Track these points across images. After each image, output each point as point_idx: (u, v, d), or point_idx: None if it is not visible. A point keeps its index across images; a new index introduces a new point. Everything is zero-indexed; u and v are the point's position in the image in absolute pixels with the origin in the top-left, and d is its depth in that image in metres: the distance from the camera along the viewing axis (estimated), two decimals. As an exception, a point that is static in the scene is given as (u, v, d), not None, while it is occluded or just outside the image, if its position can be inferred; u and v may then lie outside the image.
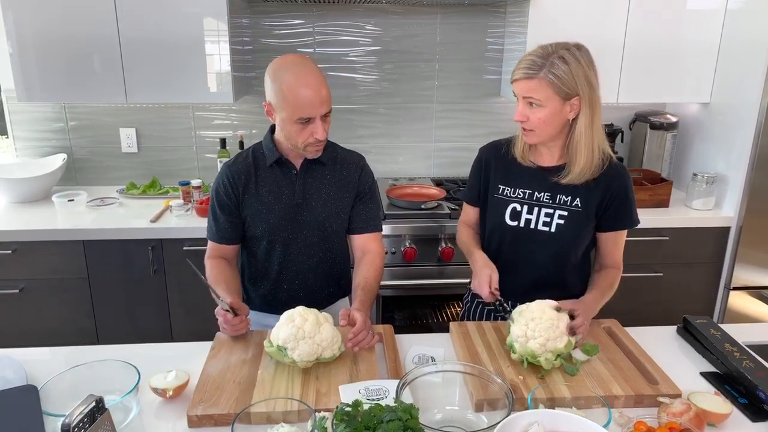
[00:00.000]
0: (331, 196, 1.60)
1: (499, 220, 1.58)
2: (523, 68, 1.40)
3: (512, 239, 1.58)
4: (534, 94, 1.40)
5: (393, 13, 2.75)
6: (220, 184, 1.59)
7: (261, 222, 1.58)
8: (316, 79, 1.43)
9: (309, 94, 1.41)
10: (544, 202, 1.54)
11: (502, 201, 1.58)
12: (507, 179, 1.59)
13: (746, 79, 2.41)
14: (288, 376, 1.26)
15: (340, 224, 1.64)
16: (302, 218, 1.59)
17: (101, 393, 1.12)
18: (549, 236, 1.54)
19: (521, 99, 1.44)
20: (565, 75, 1.37)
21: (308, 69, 1.44)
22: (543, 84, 1.38)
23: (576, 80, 1.38)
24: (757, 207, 2.44)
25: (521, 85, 1.42)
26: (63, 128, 2.76)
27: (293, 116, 1.43)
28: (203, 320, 2.44)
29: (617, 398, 1.21)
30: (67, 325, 2.39)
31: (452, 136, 2.97)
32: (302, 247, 1.62)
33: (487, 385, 1.18)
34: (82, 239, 2.28)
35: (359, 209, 1.65)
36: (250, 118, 2.84)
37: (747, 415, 1.19)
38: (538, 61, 1.38)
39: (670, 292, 2.59)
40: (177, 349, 1.47)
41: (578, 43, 1.42)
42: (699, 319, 1.51)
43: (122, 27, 2.31)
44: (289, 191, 1.58)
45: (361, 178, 1.65)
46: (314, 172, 1.60)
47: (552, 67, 1.37)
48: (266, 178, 1.58)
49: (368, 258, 1.63)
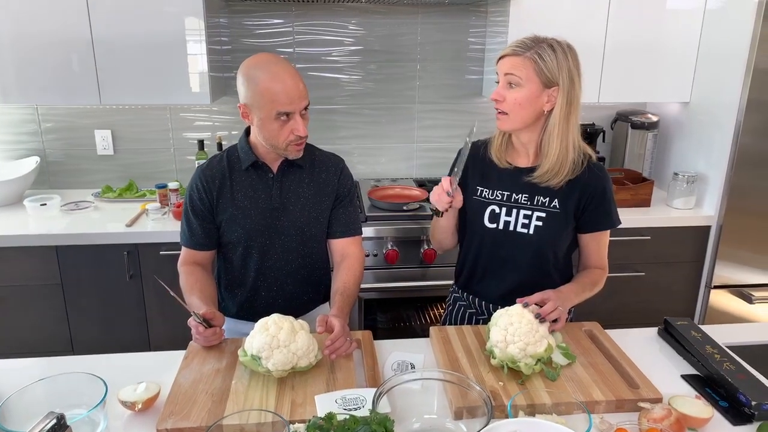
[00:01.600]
0: (309, 200, 1.57)
1: (479, 222, 1.56)
2: (512, 46, 1.43)
3: (492, 242, 1.56)
4: (516, 70, 1.41)
5: (374, 12, 2.72)
6: (193, 189, 1.55)
7: (237, 227, 1.54)
8: (290, 74, 1.41)
9: (286, 88, 1.39)
10: (522, 204, 1.52)
11: (480, 203, 1.56)
12: (485, 181, 1.57)
13: (725, 78, 2.42)
14: (263, 387, 1.23)
15: (319, 228, 1.60)
16: (280, 223, 1.55)
17: (68, 407, 1.08)
18: (528, 238, 1.52)
19: (502, 77, 1.44)
20: (550, 60, 1.39)
21: (281, 65, 1.42)
22: (527, 62, 1.40)
23: (559, 70, 1.40)
24: (736, 205, 2.46)
25: (506, 62, 1.43)
26: (36, 130, 2.70)
27: (272, 113, 1.40)
28: (182, 327, 2.37)
29: (598, 404, 1.19)
30: (40, 334, 2.33)
31: (434, 137, 2.94)
32: (280, 253, 1.58)
33: (467, 393, 1.15)
34: (54, 245, 2.22)
35: (339, 213, 1.62)
36: (229, 119, 2.79)
37: (728, 418, 1.18)
38: (528, 43, 1.41)
39: (652, 292, 2.60)
40: (151, 359, 1.43)
41: (569, 43, 1.44)
42: (680, 320, 1.50)
43: (95, 27, 2.26)
44: (266, 195, 1.54)
45: (341, 181, 1.61)
46: (292, 175, 1.56)
47: (539, 50, 1.39)
48: (242, 182, 1.54)
49: (347, 262, 1.60)
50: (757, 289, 2.55)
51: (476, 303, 1.65)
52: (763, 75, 2.30)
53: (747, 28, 2.28)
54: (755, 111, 2.33)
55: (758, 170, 2.41)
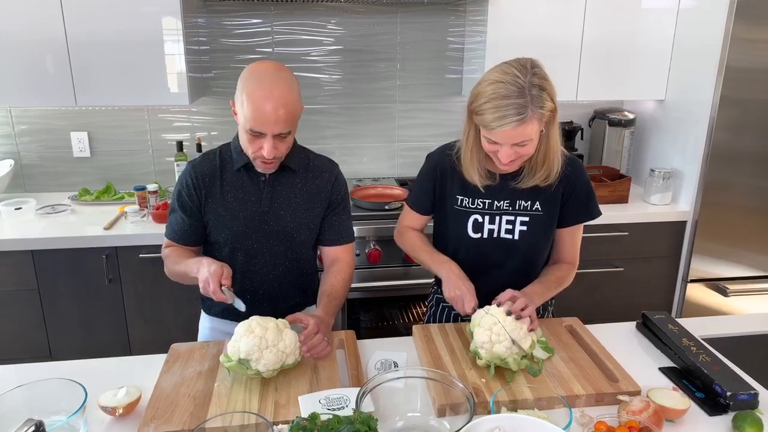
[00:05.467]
0: (300, 206, 1.53)
1: (463, 232, 1.54)
2: (511, 116, 1.27)
3: (477, 251, 1.55)
4: (526, 136, 1.30)
5: (353, 12, 2.71)
6: (183, 185, 1.51)
7: (224, 228, 1.51)
8: (279, 96, 1.32)
9: (263, 109, 1.31)
10: (504, 210, 1.51)
11: (462, 212, 1.54)
12: (465, 189, 1.53)
13: (699, 76, 2.47)
14: (246, 388, 1.22)
15: (308, 235, 1.57)
16: (268, 227, 1.52)
17: (47, 414, 1.06)
18: (513, 244, 1.52)
19: (507, 145, 1.33)
20: (547, 102, 1.30)
21: (276, 83, 1.34)
22: (533, 122, 1.29)
23: (553, 100, 1.32)
24: (711, 200, 2.51)
25: (511, 133, 1.30)
26: (9, 133, 2.64)
27: (245, 125, 1.36)
28: (163, 330, 2.39)
29: (578, 398, 1.21)
30: (16, 341, 2.28)
31: (415, 136, 2.95)
32: (267, 257, 1.55)
33: (449, 390, 1.16)
34: (30, 249, 2.17)
35: (331, 220, 1.58)
36: (209, 120, 2.77)
37: (704, 409, 1.21)
38: (520, 102, 1.27)
39: (631, 287, 2.64)
40: (131, 363, 1.41)
41: (531, 59, 1.34)
42: (657, 314, 1.53)
43: (69, 27, 2.22)
44: (256, 198, 1.51)
45: (334, 188, 1.57)
46: (284, 179, 1.52)
47: (535, 101, 1.28)
48: (233, 183, 1.51)
49: (337, 266, 1.58)
50: (732, 283, 2.61)
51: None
52: (735, 72, 2.35)
53: (719, 26, 2.33)
54: (728, 107, 2.38)
55: (732, 166, 2.47)
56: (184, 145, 2.64)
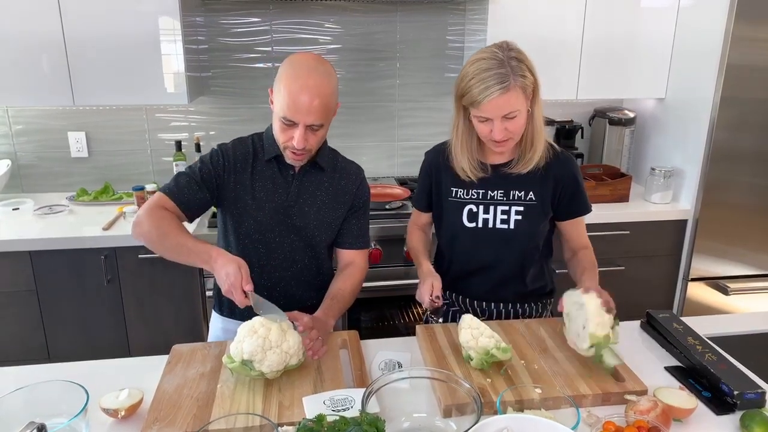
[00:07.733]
0: (325, 205, 1.53)
1: (458, 222, 1.56)
2: (495, 85, 1.34)
3: (472, 241, 1.56)
4: (513, 106, 1.36)
5: (352, 10, 2.70)
6: (213, 155, 1.48)
7: (249, 218, 1.48)
8: (314, 86, 1.32)
9: (298, 97, 1.32)
10: (498, 200, 1.53)
11: (457, 204, 1.56)
12: (459, 182, 1.56)
13: (699, 75, 2.47)
14: (249, 390, 1.21)
15: (328, 234, 1.56)
16: (291, 222, 1.51)
17: (48, 416, 1.05)
18: (509, 233, 1.53)
19: (498, 118, 1.38)
20: (527, 74, 1.38)
21: (313, 73, 1.34)
22: (517, 91, 1.36)
23: (532, 73, 1.40)
24: (712, 199, 2.51)
25: (498, 102, 1.35)
26: (7, 133, 2.62)
27: (279, 113, 1.36)
28: (162, 332, 2.37)
29: (585, 397, 1.20)
30: (14, 342, 2.26)
31: (415, 135, 2.94)
32: (287, 252, 1.53)
33: (455, 390, 1.15)
34: (28, 250, 2.16)
35: (351, 223, 1.58)
36: (207, 119, 2.75)
37: (711, 408, 1.20)
38: (502, 71, 1.34)
39: (631, 286, 2.64)
40: (132, 365, 1.39)
41: (507, 41, 1.42)
42: (662, 313, 1.52)
43: (66, 26, 2.20)
44: (284, 191, 1.50)
45: (359, 192, 1.58)
46: (312, 176, 1.52)
47: (516, 71, 1.35)
48: (262, 173, 1.49)
49: (349, 270, 1.57)
50: (732, 281, 2.61)
51: (460, 300, 1.65)
52: (735, 71, 2.34)
53: (720, 25, 2.33)
54: (729, 106, 2.38)
55: (733, 164, 2.47)
56: (182, 144, 2.62)
